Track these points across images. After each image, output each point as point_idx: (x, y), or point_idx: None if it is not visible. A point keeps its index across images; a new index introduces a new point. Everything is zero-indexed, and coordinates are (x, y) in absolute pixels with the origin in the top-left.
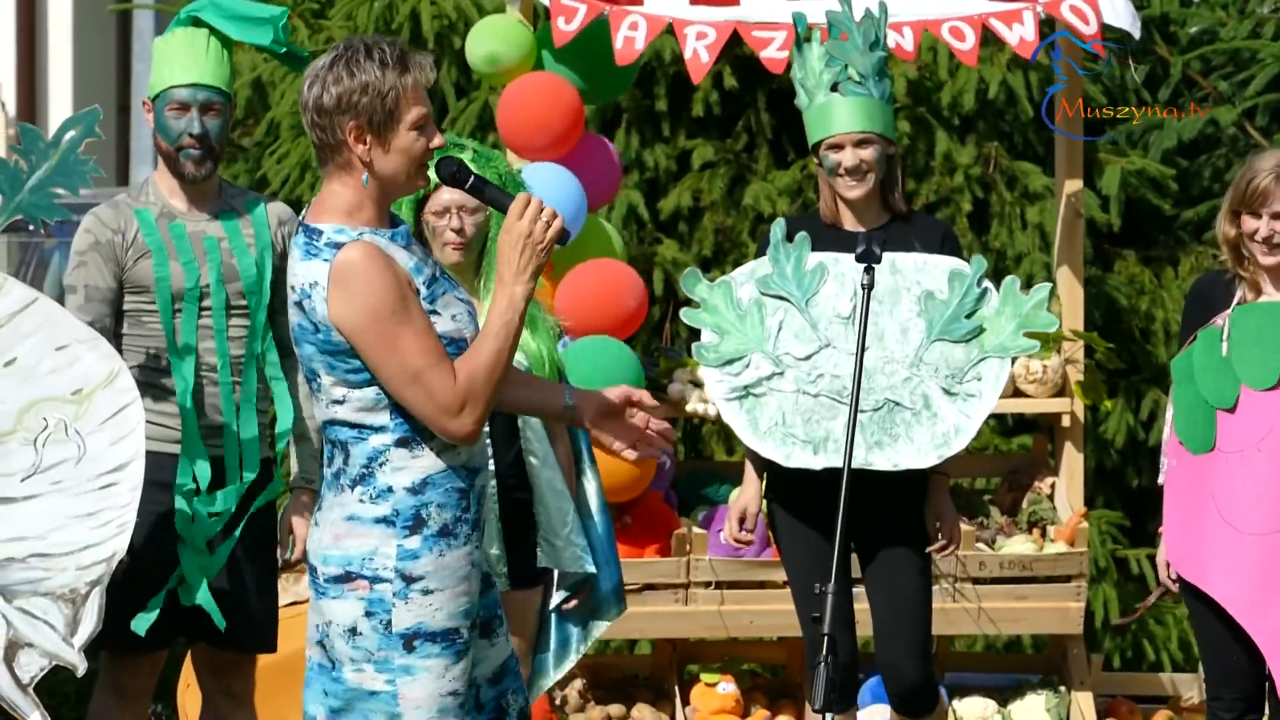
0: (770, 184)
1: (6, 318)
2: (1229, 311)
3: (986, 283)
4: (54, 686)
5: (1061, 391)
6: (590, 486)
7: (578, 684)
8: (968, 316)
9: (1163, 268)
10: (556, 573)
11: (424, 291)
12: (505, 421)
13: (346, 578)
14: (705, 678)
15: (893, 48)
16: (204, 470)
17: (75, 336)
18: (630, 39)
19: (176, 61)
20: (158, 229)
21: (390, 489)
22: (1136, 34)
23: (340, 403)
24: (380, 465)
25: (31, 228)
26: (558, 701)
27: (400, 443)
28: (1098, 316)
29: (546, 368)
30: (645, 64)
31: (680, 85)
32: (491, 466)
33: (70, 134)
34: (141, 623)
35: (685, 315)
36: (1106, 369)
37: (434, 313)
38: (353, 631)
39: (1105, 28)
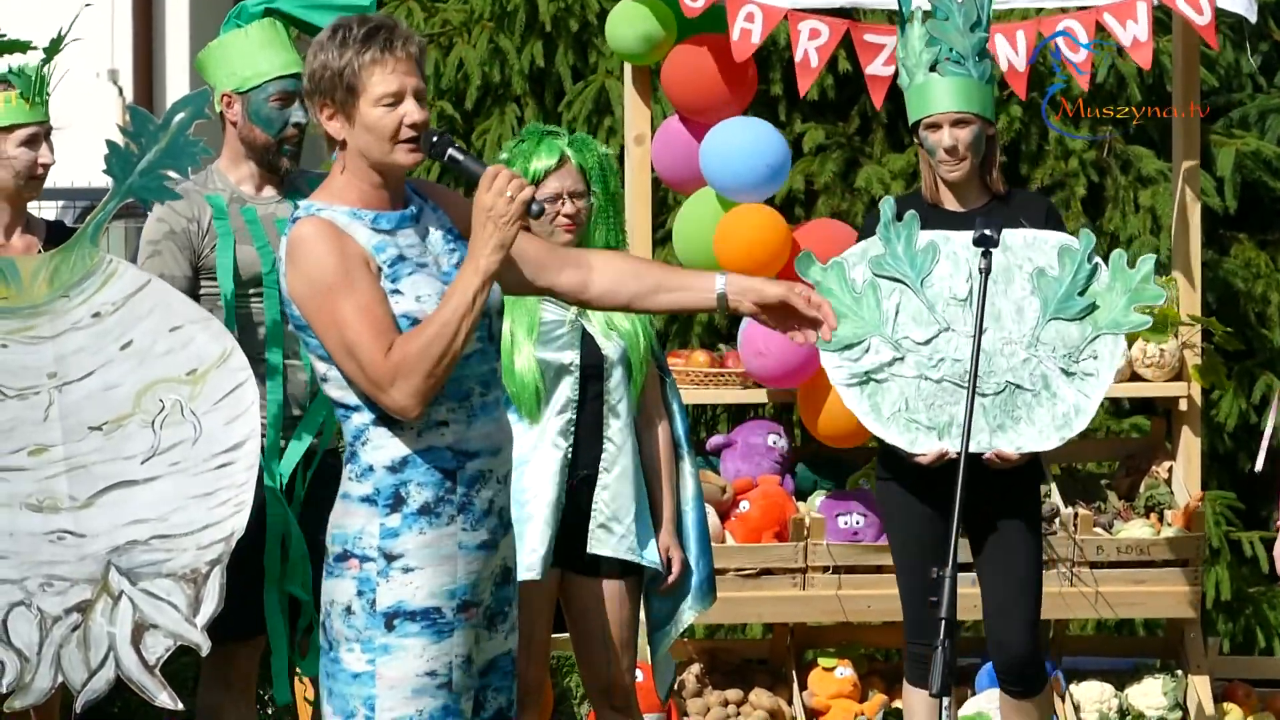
0: (884, 167)
1: (122, 300)
2: None
3: (1096, 258)
4: (174, 672)
5: (1179, 375)
6: (688, 474)
7: (695, 668)
8: (1080, 294)
9: (1278, 252)
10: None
11: (385, 270)
12: (593, 415)
13: (344, 556)
14: (823, 662)
15: (1004, 71)
16: (290, 463)
17: (188, 317)
18: (746, 31)
19: (267, 54)
20: (229, 214)
21: (371, 468)
22: (1253, 18)
23: (325, 380)
24: (363, 444)
25: (147, 212)
26: (675, 686)
27: (379, 420)
28: (1212, 300)
29: (641, 344)
30: (760, 49)
31: (795, 70)
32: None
33: (180, 115)
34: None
35: None
36: (1225, 352)
37: (396, 292)
38: (348, 610)
39: (1220, 12)
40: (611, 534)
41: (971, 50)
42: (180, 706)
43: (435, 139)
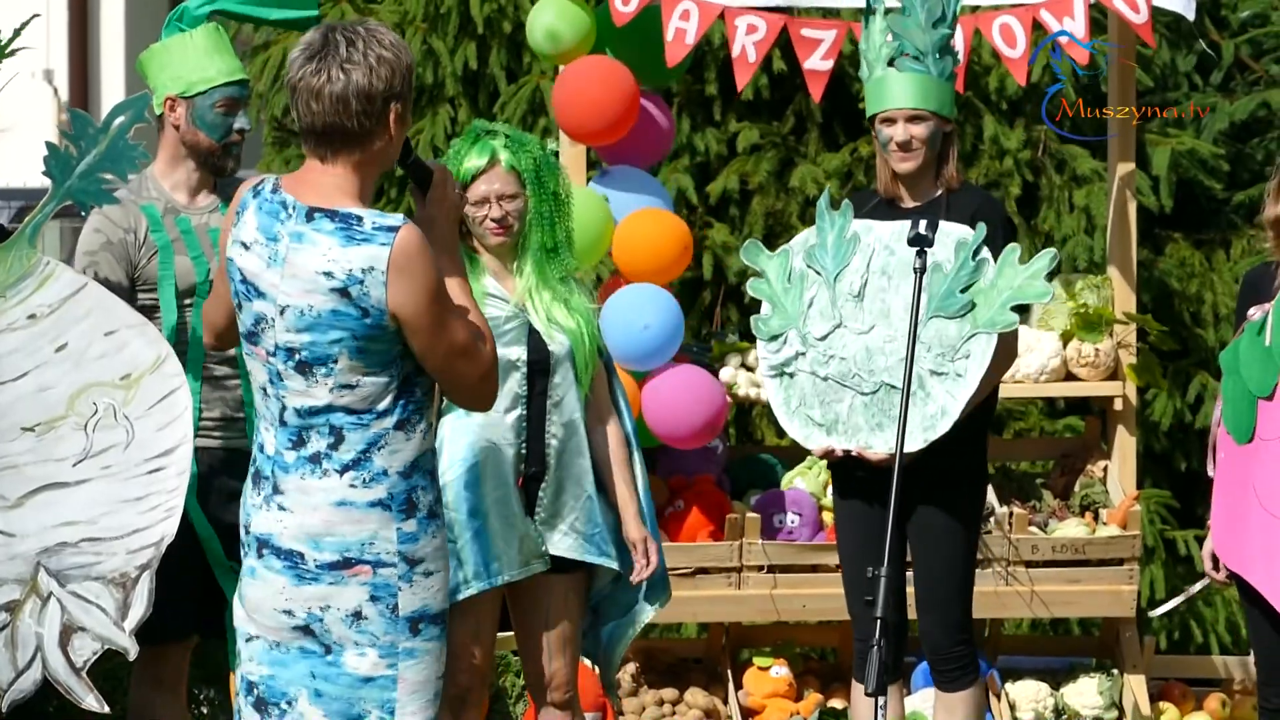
0: (819, 166)
1: (58, 303)
2: (1271, 303)
3: (985, 253)
4: (109, 672)
5: (1114, 375)
6: (639, 469)
7: (630, 668)
8: (963, 290)
9: (1214, 250)
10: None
11: None
12: (540, 411)
13: (345, 564)
14: (758, 661)
15: None
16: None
17: (124, 321)
18: (681, 31)
19: (212, 59)
20: (164, 225)
21: (385, 472)
22: (1190, 16)
23: (351, 388)
24: (379, 449)
25: (85, 214)
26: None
27: (399, 425)
28: (1147, 300)
29: (586, 341)
30: (696, 49)
31: (731, 69)
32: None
33: (120, 119)
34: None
35: (750, 286)
36: (1160, 351)
37: None
38: (357, 616)
39: (1158, 11)
40: (554, 531)
41: (932, 47)
42: (107, 709)
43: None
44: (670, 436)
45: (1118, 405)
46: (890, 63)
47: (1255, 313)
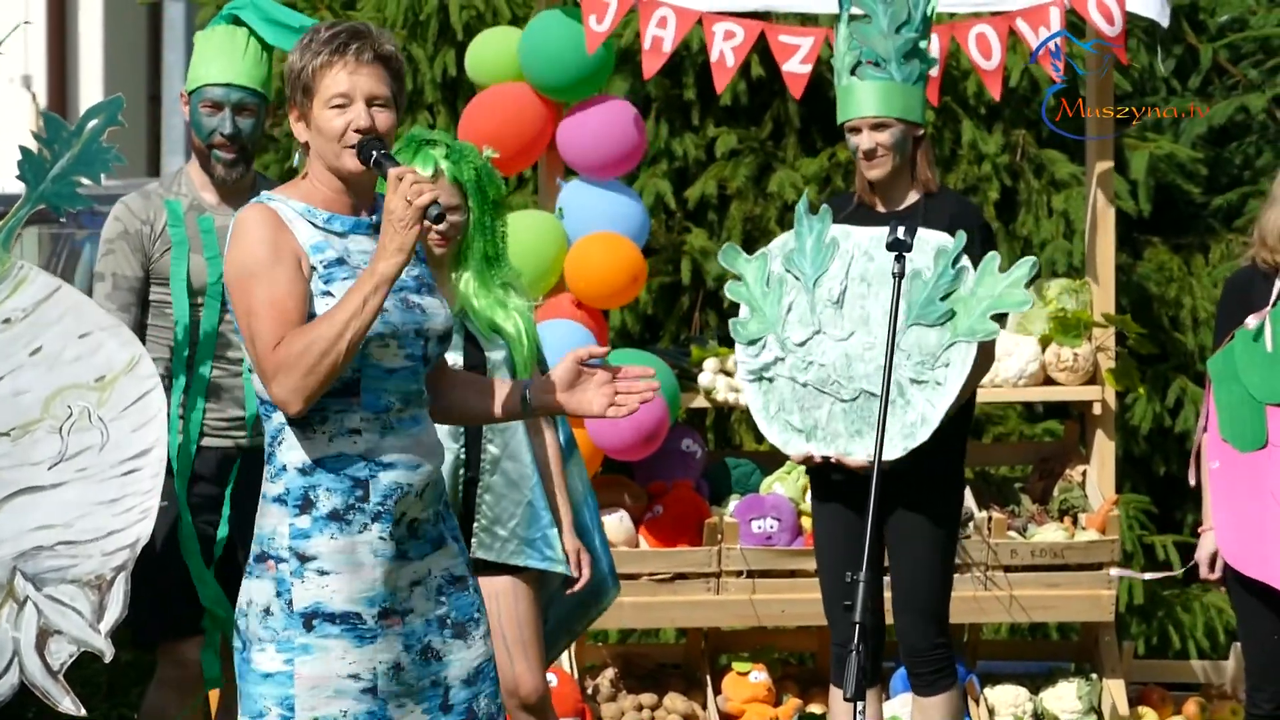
0: (797, 172)
1: (32, 306)
2: (1267, 310)
3: (965, 260)
4: (87, 677)
5: (1092, 379)
6: (575, 474)
7: (609, 673)
8: (943, 298)
9: (1192, 255)
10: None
11: (320, 270)
12: None
13: (262, 557)
14: (737, 667)
15: None
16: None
17: (97, 324)
18: (659, 39)
19: (214, 59)
20: (184, 222)
21: (285, 468)
22: (1165, 22)
23: (251, 370)
24: (279, 444)
25: (63, 220)
26: (589, 691)
27: (294, 421)
28: (1126, 304)
29: (525, 346)
30: (674, 54)
31: (709, 74)
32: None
33: (93, 123)
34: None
35: (728, 289)
36: (1138, 355)
37: (327, 294)
38: (266, 611)
39: (1132, 16)
40: (495, 538)
41: (895, 52)
42: (83, 712)
43: (365, 144)
44: (612, 449)
45: (1096, 410)
46: (853, 70)
47: (1252, 320)
